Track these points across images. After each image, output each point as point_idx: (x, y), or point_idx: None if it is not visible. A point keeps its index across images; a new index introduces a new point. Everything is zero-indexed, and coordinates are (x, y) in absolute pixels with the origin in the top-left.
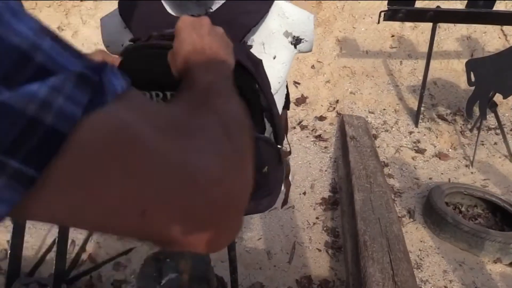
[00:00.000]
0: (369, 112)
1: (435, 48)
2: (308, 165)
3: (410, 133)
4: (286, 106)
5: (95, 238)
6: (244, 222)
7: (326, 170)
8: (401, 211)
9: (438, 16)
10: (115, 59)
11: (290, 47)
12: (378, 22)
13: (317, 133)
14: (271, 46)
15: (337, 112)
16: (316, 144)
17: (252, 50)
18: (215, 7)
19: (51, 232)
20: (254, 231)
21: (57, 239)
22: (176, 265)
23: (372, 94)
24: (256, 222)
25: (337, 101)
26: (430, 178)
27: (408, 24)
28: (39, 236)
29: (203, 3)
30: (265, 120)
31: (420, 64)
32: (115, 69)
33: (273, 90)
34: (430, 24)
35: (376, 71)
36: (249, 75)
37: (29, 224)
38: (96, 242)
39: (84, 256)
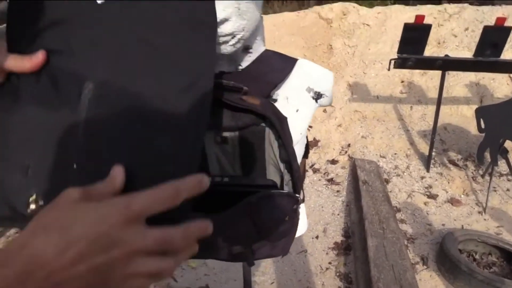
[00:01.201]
0: (381, 157)
1: (444, 94)
2: (321, 209)
3: (422, 178)
4: (305, 155)
5: None
6: (257, 265)
7: (338, 214)
8: (414, 257)
9: (447, 65)
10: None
11: (311, 101)
12: (389, 69)
13: (329, 177)
14: (294, 101)
15: (349, 155)
16: (328, 187)
17: (276, 104)
18: (244, 64)
19: None
20: (267, 275)
21: None
22: None
23: (383, 138)
24: (269, 266)
25: (348, 145)
26: (443, 224)
27: (417, 70)
28: None
29: (233, 61)
30: (285, 171)
31: (430, 109)
32: None
33: (294, 141)
34: (439, 71)
35: (387, 116)
36: (274, 129)
37: None
38: None
39: None
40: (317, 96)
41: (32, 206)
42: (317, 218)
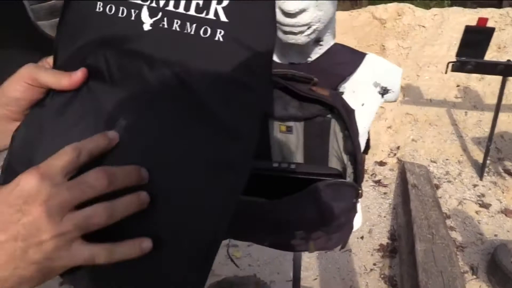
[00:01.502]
0: (431, 161)
1: (502, 101)
2: (367, 210)
3: (474, 186)
4: (365, 150)
5: None
6: (301, 260)
7: (384, 216)
8: (463, 266)
9: (509, 70)
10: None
11: (377, 96)
12: (446, 72)
13: (377, 178)
14: (361, 95)
15: (397, 158)
16: (375, 189)
17: (343, 97)
18: (314, 57)
19: None
20: (310, 271)
21: None
22: None
23: (434, 143)
24: (313, 262)
25: (398, 148)
26: (495, 235)
27: (474, 75)
28: None
29: (304, 52)
30: (348, 163)
31: (486, 116)
32: None
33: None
34: (497, 76)
35: (440, 120)
36: (341, 120)
37: None
38: None
39: None
40: (384, 91)
41: None
42: (363, 218)
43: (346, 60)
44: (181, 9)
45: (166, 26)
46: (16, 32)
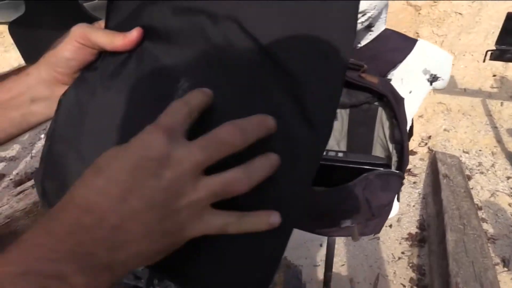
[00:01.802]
0: (464, 152)
1: None
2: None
3: (508, 178)
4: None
5: None
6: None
7: (414, 206)
8: (495, 258)
9: None
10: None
11: (426, 84)
12: (484, 61)
13: (407, 167)
14: (409, 82)
15: (428, 148)
16: (405, 178)
17: (391, 83)
18: (363, 43)
19: None
20: (337, 257)
21: None
22: None
23: (468, 133)
24: (340, 248)
25: (429, 137)
26: None
27: None
28: None
29: None
30: (394, 151)
31: None
32: None
33: None
34: None
35: (474, 110)
36: (389, 108)
37: None
38: None
39: None
40: (433, 78)
41: None
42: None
43: (398, 46)
44: None
45: None
46: (64, 13)
